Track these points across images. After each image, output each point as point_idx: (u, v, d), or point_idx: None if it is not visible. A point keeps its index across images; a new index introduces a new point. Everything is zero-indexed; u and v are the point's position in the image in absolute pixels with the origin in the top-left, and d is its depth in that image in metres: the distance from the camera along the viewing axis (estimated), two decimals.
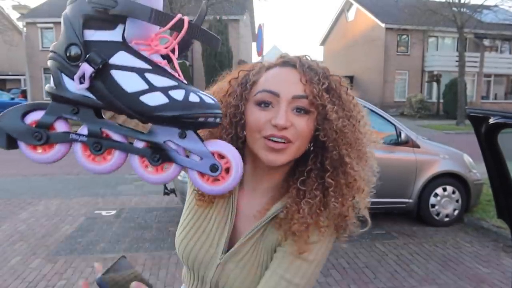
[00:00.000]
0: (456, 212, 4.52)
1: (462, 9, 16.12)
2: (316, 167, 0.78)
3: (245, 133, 0.79)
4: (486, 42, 23.83)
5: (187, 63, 21.13)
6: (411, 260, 3.63)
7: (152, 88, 0.52)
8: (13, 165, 7.53)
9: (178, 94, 0.53)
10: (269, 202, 0.83)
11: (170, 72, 0.56)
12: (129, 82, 0.52)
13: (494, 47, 24.89)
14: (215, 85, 0.89)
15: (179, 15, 0.52)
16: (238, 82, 0.82)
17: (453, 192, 4.48)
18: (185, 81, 0.57)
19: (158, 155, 0.56)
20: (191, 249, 0.85)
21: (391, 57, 23.16)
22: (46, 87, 0.57)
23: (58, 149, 0.56)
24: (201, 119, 0.53)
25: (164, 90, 0.53)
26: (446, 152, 4.55)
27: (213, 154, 0.57)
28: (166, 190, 4.64)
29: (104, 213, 4.96)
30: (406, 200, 4.38)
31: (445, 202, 4.47)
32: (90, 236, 4.18)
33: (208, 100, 0.55)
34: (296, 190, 0.78)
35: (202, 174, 0.57)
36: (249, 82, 0.80)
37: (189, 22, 0.53)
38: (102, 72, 0.52)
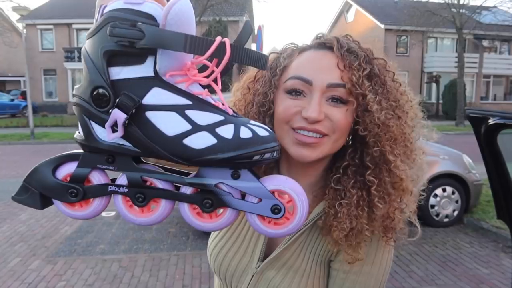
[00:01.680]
0: (455, 213, 4.52)
1: (461, 10, 16.14)
2: (355, 164, 0.68)
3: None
4: (485, 43, 23.86)
5: None
6: (411, 261, 3.63)
7: (196, 127, 0.45)
8: (14, 167, 7.52)
9: (227, 131, 0.46)
10: (310, 202, 0.69)
11: (213, 104, 0.48)
12: (168, 124, 0.45)
13: (493, 48, 24.93)
14: (245, 75, 0.80)
15: (219, 39, 0.44)
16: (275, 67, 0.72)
17: (453, 193, 4.48)
18: (231, 111, 0.49)
19: (210, 200, 0.48)
20: (222, 258, 0.78)
21: (390, 58, 22.99)
22: (75, 136, 0.50)
23: (97, 203, 0.50)
24: (256, 157, 0.46)
25: (211, 129, 0.46)
26: (445, 153, 4.55)
27: (273, 193, 0.49)
28: None
29: (103, 214, 4.96)
30: None
31: (444, 203, 4.47)
32: (89, 237, 4.17)
33: (262, 132, 0.47)
34: (333, 190, 0.69)
35: (263, 217, 0.49)
36: (279, 66, 0.70)
37: (232, 45, 0.45)
38: (136, 116, 0.45)
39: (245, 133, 0.46)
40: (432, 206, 4.46)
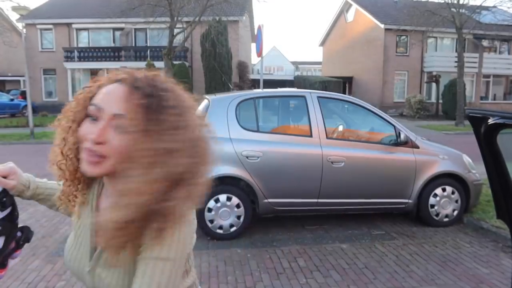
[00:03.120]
0: (455, 213, 4.52)
1: (461, 10, 16.14)
2: None
3: None
4: (485, 43, 23.88)
5: (187, 64, 21.13)
6: (411, 261, 3.63)
7: None
8: None
9: None
10: None
11: None
12: None
13: (493, 47, 24.94)
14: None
15: None
16: (83, 97, 0.82)
17: (453, 193, 4.48)
18: None
19: None
20: (68, 260, 0.90)
21: (390, 58, 23.19)
22: None
23: None
24: None
25: None
26: (445, 152, 4.55)
27: None
28: None
29: None
30: (406, 200, 4.39)
31: (444, 202, 4.48)
32: None
33: None
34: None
35: None
36: (93, 94, 0.81)
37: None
38: None
39: None
40: (432, 206, 4.46)
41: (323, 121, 4.23)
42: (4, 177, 0.95)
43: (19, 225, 0.94)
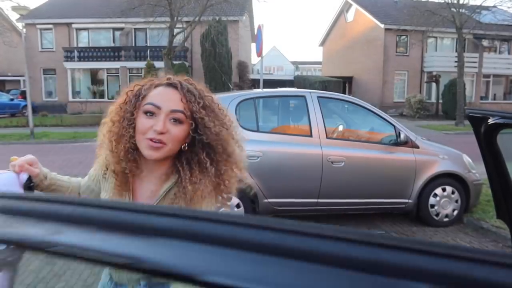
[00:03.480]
0: (455, 213, 4.52)
1: (461, 10, 16.14)
2: (194, 156, 1.05)
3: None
4: (485, 43, 23.86)
5: (187, 64, 21.13)
6: None
7: None
8: None
9: None
10: (159, 183, 1.07)
11: None
12: None
13: (493, 47, 24.92)
14: (116, 99, 1.10)
15: None
16: (133, 93, 1.04)
17: (453, 193, 4.48)
18: None
19: None
20: None
21: (390, 58, 23.18)
22: None
23: None
24: None
25: None
26: (445, 152, 4.55)
27: None
28: None
29: None
30: (406, 200, 4.38)
31: (444, 202, 4.47)
32: None
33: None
34: (185, 168, 1.04)
35: None
36: (141, 95, 1.03)
37: None
38: None
39: None
40: (432, 206, 4.46)
41: (323, 121, 4.23)
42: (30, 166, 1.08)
43: None
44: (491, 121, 1.15)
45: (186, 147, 1.04)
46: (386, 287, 0.20)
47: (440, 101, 20.92)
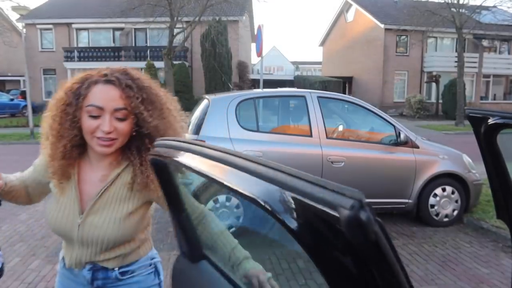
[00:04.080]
0: (455, 213, 4.52)
1: (461, 10, 16.14)
2: (140, 144, 1.11)
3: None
4: (485, 43, 23.86)
5: (187, 64, 21.13)
6: (411, 261, 3.63)
7: None
8: (14, 166, 7.52)
9: None
10: (110, 168, 1.15)
11: None
12: None
13: (493, 47, 24.92)
14: (56, 94, 1.13)
15: None
16: (72, 93, 1.07)
17: (453, 193, 4.48)
18: None
19: None
20: (55, 219, 1.13)
21: (390, 58, 23.18)
22: None
23: None
24: None
25: None
26: (445, 152, 4.55)
27: None
28: None
29: None
30: (406, 200, 4.38)
31: (444, 202, 4.47)
32: None
33: None
34: (134, 155, 1.12)
35: None
36: (81, 95, 1.06)
37: None
38: None
39: None
40: (432, 206, 4.46)
41: (323, 121, 4.23)
42: None
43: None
44: (491, 121, 1.15)
45: (135, 134, 1.11)
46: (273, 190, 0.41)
47: (440, 101, 20.92)
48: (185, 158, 0.70)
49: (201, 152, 0.65)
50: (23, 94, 20.13)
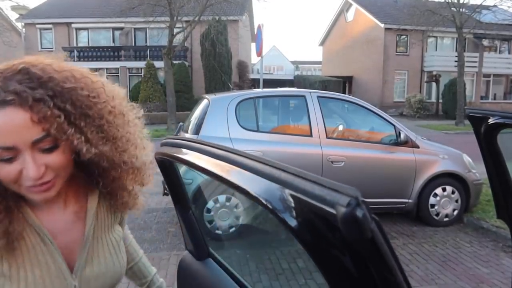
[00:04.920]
0: (455, 212, 4.52)
1: (461, 9, 16.13)
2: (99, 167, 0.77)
3: None
4: (485, 42, 23.85)
5: (186, 63, 21.12)
6: (411, 260, 3.63)
7: None
8: None
9: None
10: (76, 200, 0.81)
11: None
12: None
13: (493, 47, 24.91)
14: None
15: None
16: None
17: (453, 192, 4.48)
18: None
19: None
20: None
21: (391, 57, 23.17)
22: None
23: None
24: None
25: None
26: (445, 152, 4.55)
27: None
28: (165, 191, 4.63)
29: None
30: (406, 200, 4.38)
31: (444, 202, 4.47)
32: None
33: None
34: (103, 184, 0.80)
35: None
36: None
37: None
38: None
39: None
40: (432, 206, 4.46)
41: (323, 121, 4.23)
42: None
43: None
44: (491, 121, 1.15)
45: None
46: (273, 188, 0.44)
47: (440, 100, 20.91)
48: (189, 157, 0.70)
49: (205, 150, 0.65)
50: None
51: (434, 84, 22.28)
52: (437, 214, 4.48)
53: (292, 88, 13.98)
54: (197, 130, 4.07)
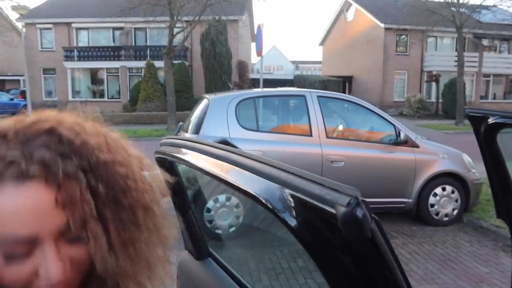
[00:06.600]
0: (455, 212, 4.52)
1: (461, 9, 16.13)
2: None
3: None
4: (485, 42, 23.85)
5: (186, 63, 21.12)
6: (411, 260, 3.63)
7: None
8: None
9: None
10: None
11: None
12: None
13: (493, 47, 24.91)
14: None
15: None
16: None
17: (452, 192, 4.48)
18: None
19: None
20: None
21: (390, 57, 23.17)
22: None
23: None
24: None
25: None
26: (445, 151, 4.55)
27: None
28: None
29: None
30: (405, 200, 4.39)
31: (444, 201, 4.47)
32: None
33: None
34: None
35: None
36: None
37: None
38: None
39: None
40: (432, 205, 4.46)
41: (323, 121, 4.23)
42: None
43: None
44: (491, 120, 1.15)
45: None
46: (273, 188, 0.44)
47: (440, 100, 20.92)
48: (189, 157, 0.71)
49: (205, 150, 0.65)
50: (23, 94, 20.14)
51: (434, 84, 22.29)
52: (437, 214, 4.48)
53: (292, 87, 13.99)
54: (197, 130, 4.07)
